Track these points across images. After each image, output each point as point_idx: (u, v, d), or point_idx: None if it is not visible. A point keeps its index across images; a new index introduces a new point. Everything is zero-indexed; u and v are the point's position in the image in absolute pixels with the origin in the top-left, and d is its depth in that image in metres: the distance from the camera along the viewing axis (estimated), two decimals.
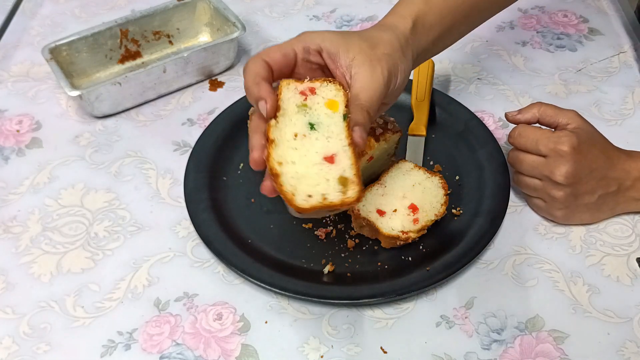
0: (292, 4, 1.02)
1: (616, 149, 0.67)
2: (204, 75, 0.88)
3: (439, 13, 0.63)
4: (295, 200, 0.47)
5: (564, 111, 0.67)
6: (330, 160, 0.49)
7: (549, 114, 0.67)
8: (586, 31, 0.94)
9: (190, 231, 0.70)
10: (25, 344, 0.62)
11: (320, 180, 0.48)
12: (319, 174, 0.49)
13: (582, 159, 0.64)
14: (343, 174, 0.49)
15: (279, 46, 0.57)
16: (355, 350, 0.60)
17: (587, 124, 0.67)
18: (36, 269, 0.68)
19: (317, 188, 0.48)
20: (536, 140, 0.65)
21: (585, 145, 0.64)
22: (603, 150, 0.66)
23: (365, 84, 0.54)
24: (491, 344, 0.60)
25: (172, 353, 0.61)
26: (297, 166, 0.49)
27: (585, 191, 0.65)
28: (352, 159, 0.49)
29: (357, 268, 0.66)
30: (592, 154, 0.64)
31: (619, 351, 0.59)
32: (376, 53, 0.56)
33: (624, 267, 0.66)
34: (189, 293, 0.65)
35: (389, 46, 0.58)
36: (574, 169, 0.63)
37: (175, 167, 0.77)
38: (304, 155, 0.49)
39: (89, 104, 0.81)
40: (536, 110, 0.68)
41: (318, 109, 0.52)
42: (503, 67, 0.89)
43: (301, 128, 0.51)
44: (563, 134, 0.64)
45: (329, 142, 0.50)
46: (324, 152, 0.50)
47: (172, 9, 0.91)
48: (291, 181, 0.48)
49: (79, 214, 0.73)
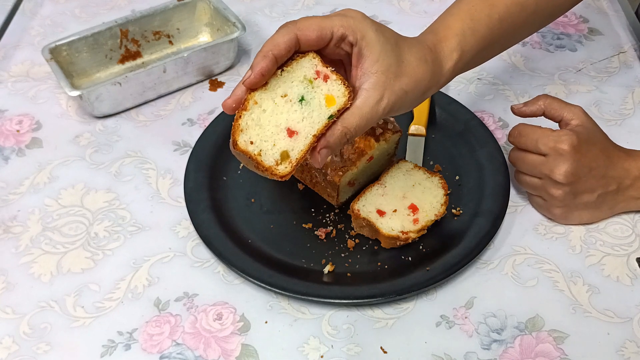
0: (292, 4, 1.02)
1: (616, 148, 0.67)
2: (204, 75, 0.88)
3: (481, 37, 0.61)
4: (237, 135, 0.52)
5: (569, 106, 0.67)
6: (290, 134, 0.53)
7: (555, 107, 0.67)
8: (586, 31, 0.94)
9: (190, 231, 0.70)
10: (25, 344, 0.62)
11: (270, 140, 0.52)
12: (273, 135, 0.52)
13: (581, 158, 0.64)
14: (288, 150, 0.52)
15: (318, 22, 0.53)
16: (355, 350, 0.60)
17: (590, 121, 0.67)
18: (36, 269, 0.68)
19: (262, 143, 0.52)
20: (536, 139, 0.65)
21: (585, 144, 0.64)
22: (603, 149, 0.66)
23: (362, 110, 0.53)
24: (491, 344, 0.60)
25: (172, 353, 0.61)
26: (264, 116, 0.52)
27: (585, 190, 0.65)
28: (305, 149, 0.52)
29: (357, 268, 0.66)
30: (592, 153, 0.64)
31: (619, 351, 0.59)
32: (395, 85, 0.54)
33: (624, 267, 0.66)
34: (189, 293, 0.65)
35: (412, 83, 0.55)
36: (574, 168, 0.63)
37: (175, 167, 0.77)
38: (275, 114, 0.52)
39: (89, 104, 0.81)
40: (542, 102, 0.68)
41: (317, 93, 0.54)
42: (503, 67, 0.89)
43: (293, 94, 0.53)
44: (563, 133, 0.64)
45: (302, 122, 0.53)
46: (291, 125, 0.53)
47: (172, 9, 0.91)
48: (249, 122, 0.52)
49: (79, 214, 0.73)
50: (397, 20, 0.98)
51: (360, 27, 0.54)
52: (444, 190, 0.68)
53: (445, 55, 0.58)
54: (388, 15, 0.99)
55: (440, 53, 0.58)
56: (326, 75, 0.54)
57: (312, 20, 0.54)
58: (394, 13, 0.99)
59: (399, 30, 0.58)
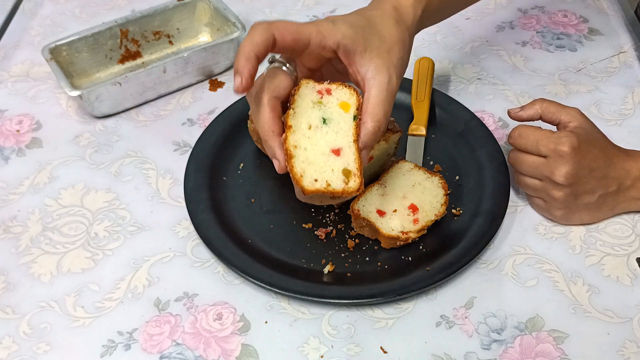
0: (292, 4, 1.02)
1: (616, 148, 0.67)
2: (204, 75, 0.88)
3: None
4: (302, 182, 0.54)
5: (566, 108, 0.67)
6: (336, 153, 0.55)
7: (552, 110, 0.67)
8: (586, 31, 0.94)
9: (190, 231, 0.70)
10: (25, 344, 0.62)
11: (327, 168, 0.54)
12: (326, 163, 0.55)
13: (582, 159, 0.64)
14: (347, 167, 0.55)
15: (295, 27, 0.55)
16: (355, 350, 0.60)
17: (588, 123, 0.67)
18: (36, 269, 0.68)
19: (323, 175, 0.54)
20: (536, 140, 0.65)
21: (585, 145, 0.64)
22: (603, 149, 0.66)
23: (380, 96, 0.55)
24: (491, 344, 0.60)
25: (172, 353, 0.61)
26: (308, 153, 0.54)
27: (585, 191, 0.65)
28: (356, 154, 0.55)
29: (357, 268, 0.66)
30: (592, 153, 0.64)
31: (619, 351, 0.59)
32: (392, 59, 0.57)
33: (624, 267, 0.66)
34: (189, 293, 0.65)
35: (401, 47, 0.58)
36: (574, 169, 0.63)
37: (175, 167, 0.77)
38: (315, 145, 0.55)
39: (89, 104, 0.81)
40: (538, 106, 0.68)
41: (331, 107, 0.57)
42: (503, 67, 0.89)
43: (315, 121, 0.56)
44: (563, 135, 0.64)
45: (337, 137, 0.55)
46: (332, 145, 0.55)
47: (172, 9, 0.91)
48: (302, 165, 0.54)
49: (79, 214, 0.73)
50: None
51: (334, 29, 0.56)
52: (444, 191, 0.68)
53: (407, 11, 0.61)
54: None
55: (402, 10, 0.61)
56: (327, 89, 0.57)
57: (290, 24, 0.55)
58: None
59: None
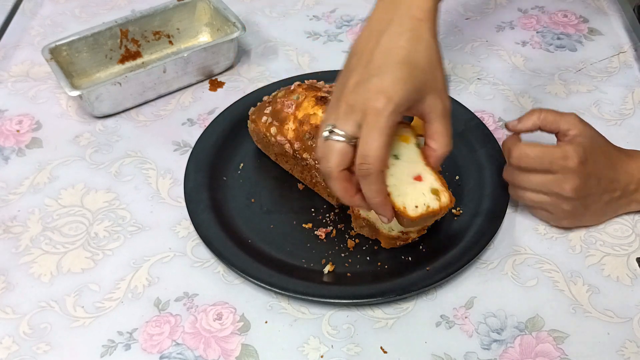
0: (292, 4, 1.02)
1: (616, 150, 0.67)
2: (204, 75, 0.88)
3: None
4: (408, 212, 0.58)
5: (564, 116, 0.65)
6: (418, 179, 0.60)
7: (550, 120, 0.65)
8: (586, 31, 0.94)
9: (190, 231, 0.70)
10: (25, 344, 0.62)
11: (419, 194, 0.59)
12: (416, 190, 0.59)
13: (589, 170, 0.63)
14: (433, 187, 0.60)
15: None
16: (355, 350, 0.60)
17: (588, 128, 0.65)
18: (36, 269, 0.68)
19: (419, 200, 0.59)
20: (540, 158, 0.63)
21: (590, 155, 0.63)
22: (607, 154, 0.65)
23: (442, 125, 0.58)
24: (491, 343, 0.60)
25: (172, 353, 0.61)
26: (398, 187, 0.59)
27: (594, 200, 0.65)
28: (434, 174, 0.60)
29: (357, 268, 0.66)
30: (598, 162, 0.64)
31: (619, 351, 0.59)
32: (438, 85, 0.57)
33: (624, 267, 0.66)
34: (189, 293, 0.65)
35: (439, 66, 0.57)
36: (583, 182, 0.62)
37: (175, 167, 0.77)
38: (399, 179, 0.59)
39: (89, 104, 0.81)
40: (536, 117, 0.66)
41: (396, 144, 0.61)
42: (503, 67, 0.89)
43: (390, 161, 0.60)
44: (570, 149, 0.62)
45: (412, 166, 0.60)
46: (412, 174, 0.60)
47: (172, 9, 0.91)
48: (398, 199, 0.58)
49: (79, 214, 0.73)
50: None
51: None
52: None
53: (427, 16, 0.57)
54: None
55: (422, 15, 0.57)
56: None
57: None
58: None
59: None
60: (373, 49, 0.56)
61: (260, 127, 0.74)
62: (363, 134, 0.53)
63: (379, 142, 0.53)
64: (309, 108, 0.71)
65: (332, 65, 0.90)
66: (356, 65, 0.56)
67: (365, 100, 0.53)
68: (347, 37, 0.95)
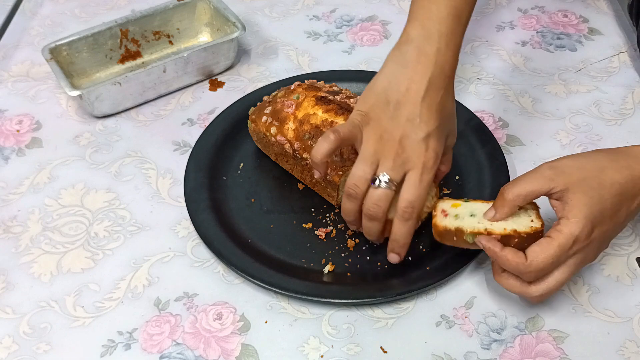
0: (292, 4, 1.02)
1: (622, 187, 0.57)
2: (204, 75, 0.88)
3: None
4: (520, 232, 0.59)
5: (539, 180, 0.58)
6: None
7: (530, 197, 0.58)
8: (586, 31, 0.94)
9: (190, 231, 0.70)
10: (25, 343, 0.62)
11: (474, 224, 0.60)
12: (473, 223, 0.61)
13: (602, 228, 0.57)
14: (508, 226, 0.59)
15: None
16: (355, 350, 0.60)
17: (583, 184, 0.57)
18: (36, 269, 0.68)
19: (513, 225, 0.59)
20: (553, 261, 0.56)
21: (594, 220, 0.56)
22: (612, 211, 0.57)
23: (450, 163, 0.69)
24: (491, 343, 0.60)
25: (172, 353, 0.61)
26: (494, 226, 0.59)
27: (617, 232, 0.60)
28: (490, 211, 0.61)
29: (357, 268, 0.66)
30: (599, 238, 0.57)
31: (619, 351, 0.59)
32: (455, 128, 0.66)
33: (624, 267, 0.66)
34: (189, 293, 0.65)
35: (453, 115, 0.65)
36: (600, 242, 0.58)
37: (175, 167, 0.77)
38: (489, 225, 0.60)
39: (89, 104, 0.81)
40: (512, 199, 0.58)
41: (460, 211, 0.62)
42: (503, 67, 0.89)
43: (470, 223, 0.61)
44: (569, 230, 0.55)
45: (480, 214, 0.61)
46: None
47: (172, 9, 0.91)
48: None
49: (79, 213, 0.73)
50: (397, 20, 0.98)
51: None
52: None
53: (450, 66, 0.64)
54: (388, 15, 0.99)
55: (446, 66, 0.63)
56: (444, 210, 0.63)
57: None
58: (394, 13, 0.99)
59: (398, 29, 0.58)
60: (417, 103, 0.61)
61: (260, 127, 0.74)
62: (412, 184, 0.60)
63: (426, 193, 0.60)
64: (309, 108, 0.71)
65: (332, 65, 0.90)
66: (398, 115, 0.61)
67: (418, 156, 0.60)
68: (347, 37, 0.95)
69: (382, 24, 0.97)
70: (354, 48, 0.94)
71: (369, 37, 0.95)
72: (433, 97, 0.61)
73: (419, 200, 0.59)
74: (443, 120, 0.62)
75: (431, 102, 0.61)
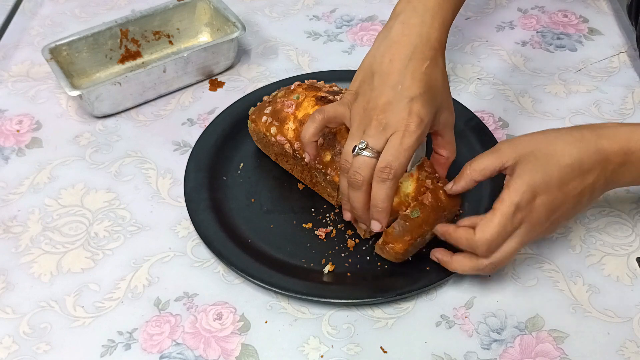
0: (292, 4, 1.02)
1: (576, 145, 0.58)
2: (204, 75, 0.88)
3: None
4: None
5: (495, 154, 0.60)
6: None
7: (485, 169, 0.60)
8: (586, 31, 0.94)
9: (190, 231, 0.70)
10: (25, 343, 0.62)
11: None
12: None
13: (545, 199, 0.57)
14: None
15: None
16: (355, 350, 0.60)
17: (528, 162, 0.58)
18: (36, 269, 0.68)
19: None
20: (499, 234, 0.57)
21: (537, 187, 0.57)
22: (559, 182, 0.57)
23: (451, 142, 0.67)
24: (491, 343, 0.60)
25: (172, 353, 0.61)
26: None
27: (578, 207, 0.60)
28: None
29: (357, 268, 0.66)
30: (550, 184, 0.57)
31: (619, 351, 0.59)
32: (445, 102, 0.63)
33: (624, 267, 0.66)
34: (189, 293, 0.65)
35: (446, 85, 0.64)
36: (546, 216, 0.58)
37: (175, 167, 0.77)
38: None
39: (89, 104, 0.81)
40: (469, 174, 0.61)
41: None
42: (503, 67, 0.89)
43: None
44: (508, 200, 0.57)
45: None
46: None
47: (172, 9, 0.91)
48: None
49: (79, 213, 0.73)
50: None
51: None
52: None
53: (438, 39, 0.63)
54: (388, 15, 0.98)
55: (432, 39, 0.63)
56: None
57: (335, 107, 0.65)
58: None
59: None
60: (401, 71, 0.60)
61: (260, 127, 0.74)
62: (392, 146, 0.58)
63: (406, 156, 0.59)
64: (309, 108, 0.71)
65: (332, 65, 0.90)
66: (381, 84, 0.61)
67: (400, 120, 0.59)
68: (347, 37, 0.95)
69: (382, 24, 0.97)
70: (354, 48, 0.94)
71: (369, 37, 0.95)
72: (417, 66, 0.60)
73: (397, 161, 0.58)
74: (429, 90, 0.60)
75: (415, 70, 0.60)
